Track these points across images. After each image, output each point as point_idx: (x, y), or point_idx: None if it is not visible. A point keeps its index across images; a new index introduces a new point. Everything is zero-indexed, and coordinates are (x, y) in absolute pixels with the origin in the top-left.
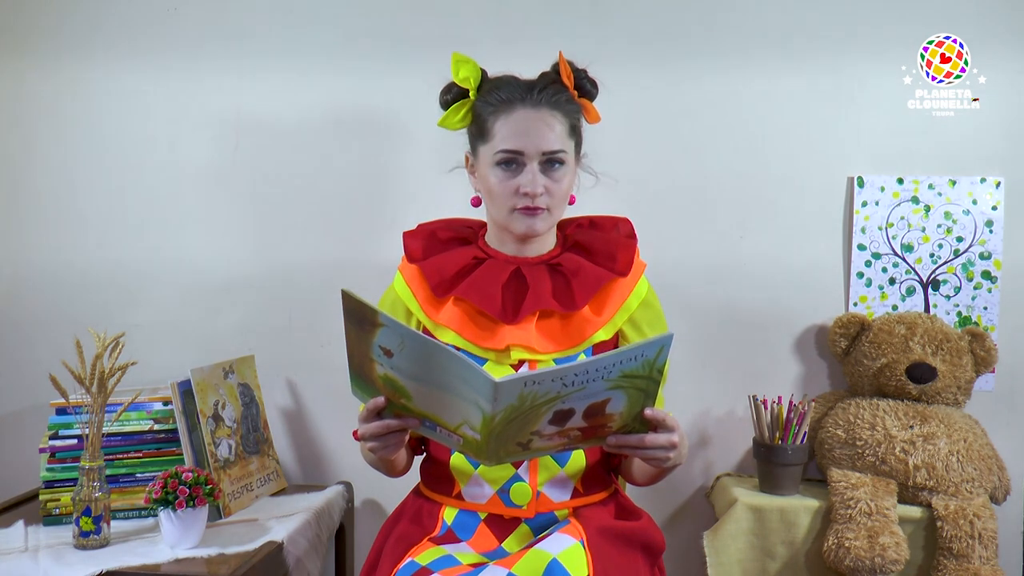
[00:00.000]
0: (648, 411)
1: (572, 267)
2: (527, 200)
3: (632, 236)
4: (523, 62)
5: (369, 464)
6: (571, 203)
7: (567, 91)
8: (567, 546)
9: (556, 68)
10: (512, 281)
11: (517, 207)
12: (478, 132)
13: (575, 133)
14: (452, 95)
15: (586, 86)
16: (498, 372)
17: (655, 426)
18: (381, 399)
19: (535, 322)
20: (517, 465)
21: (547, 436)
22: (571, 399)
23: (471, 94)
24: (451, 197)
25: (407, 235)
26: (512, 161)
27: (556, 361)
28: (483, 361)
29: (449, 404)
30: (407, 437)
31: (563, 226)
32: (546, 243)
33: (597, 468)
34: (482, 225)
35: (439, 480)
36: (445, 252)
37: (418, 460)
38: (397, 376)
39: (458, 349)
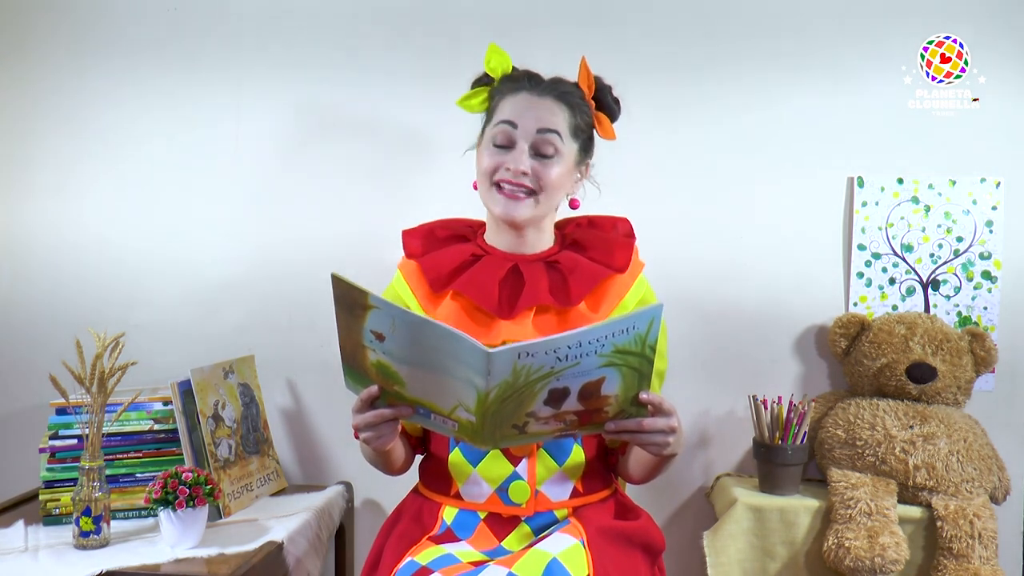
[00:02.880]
0: (644, 395)
1: (569, 264)
2: (508, 175)
3: (631, 235)
4: (525, 64)
5: (368, 461)
6: (574, 207)
7: (581, 93)
8: (567, 546)
9: (576, 76)
10: (509, 277)
11: (497, 180)
12: (487, 115)
13: (580, 134)
14: (480, 83)
15: (608, 102)
16: None
17: (652, 411)
18: (375, 388)
19: (531, 317)
20: (516, 463)
21: (543, 419)
22: (565, 376)
23: (495, 83)
24: (452, 197)
25: (406, 233)
26: (506, 137)
27: None
28: None
29: (443, 386)
30: (399, 427)
31: (562, 225)
32: (544, 241)
33: (596, 465)
34: (481, 224)
35: (438, 479)
36: (443, 249)
37: (418, 460)
38: (389, 361)
39: None
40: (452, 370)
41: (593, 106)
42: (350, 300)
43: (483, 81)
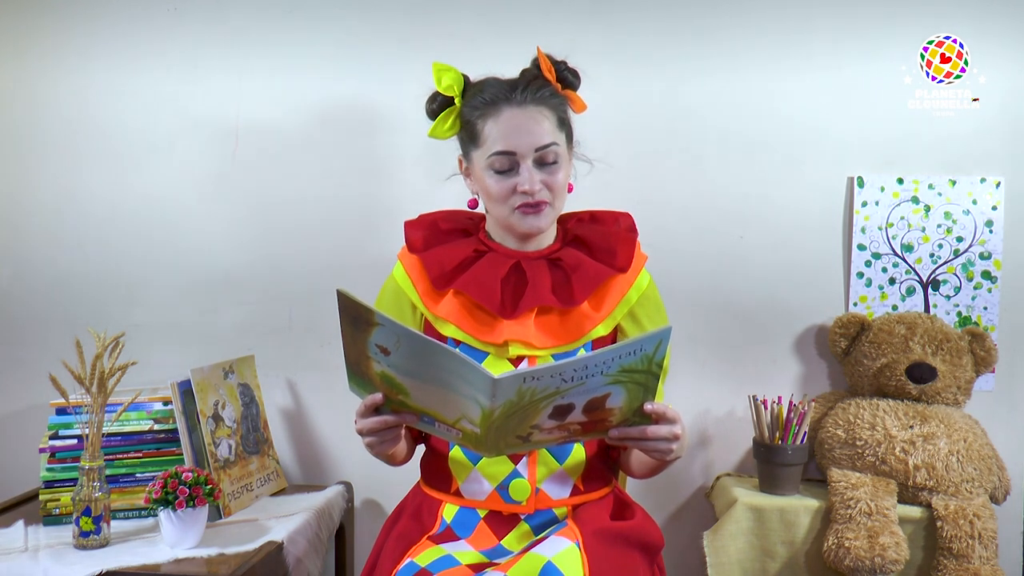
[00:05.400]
0: (648, 406)
1: (572, 262)
2: (526, 198)
3: (633, 230)
4: (522, 60)
5: (371, 454)
6: (570, 191)
7: (550, 85)
8: (562, 548)
9: (536, 64)
10: (512, 275)
11: (516, 206)
12: (469, 137)
13: (564, 125)
14: (437, 104)
15: (568, 77)
16: (497, 367)
17: (656, 419)
18: (379, 395)
19: (534, 317)
20: (516, 461)
21: (547, 430)
22: (570, 394)
23: (456, 101)
24: (450, 196)
25: (409, 224)
26: (506, 162)
27: (554, 357)
28: (482, 355)
29: (447, 400)
30: (403, 431)
31: (563, 220)
32: (546, 237)
33: (596, 463)
34: (483, 217)
35: (438, 476)
36: (446, 244)
37: (419, 454)
38: (394, 373)
39: (457, 343)
40: (457, 388)
41: (559, 88)
42: (355, 315)
43: (444, 103)
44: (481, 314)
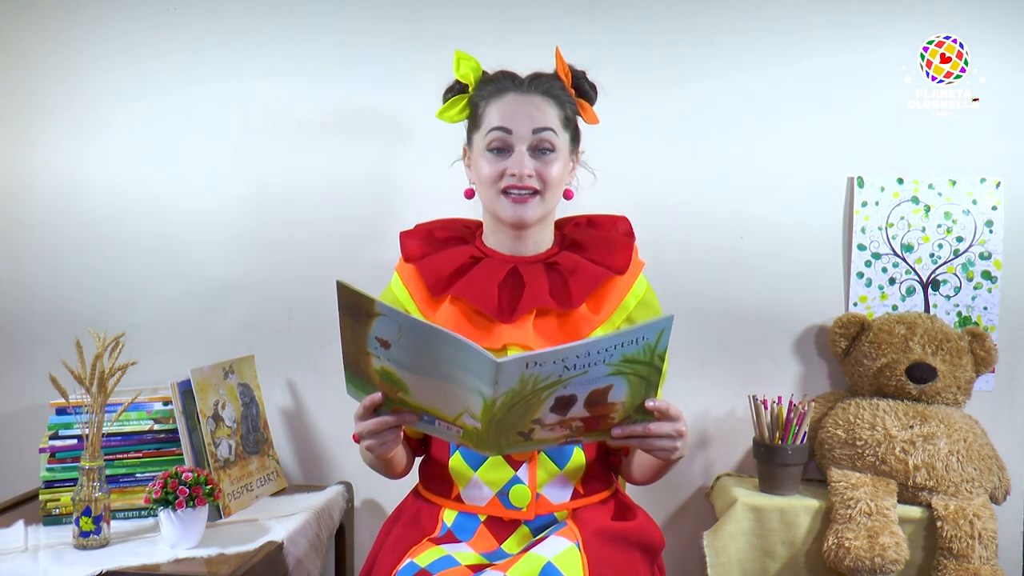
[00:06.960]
0: (650, 402)
1: (569, 265)
2: (514, 180)
3: (630, 235)
4: (523, 61)
5: (369, 466)
6: (569, 198)
7: (562, 83)
8: (562, 549)
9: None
10: (509, 280)
11: (504, 188)
12: (472, 123)
13: (569, 124)
14: (454, 92)
15: (584, 87)
16: None
17: (659, 416)
18: (378, 395)
19: (532, 320)
20: (516, 467)
21: (549, 426)
22: (572, 384)
23: (470, 89)
24: (451, 197)
25: (404, 235)
26: (502, 142)
27: None
28: None
29: (448, 394)
30: (402, 434)
31: (561, 225)
32: (543, 242)
33: (596, 467)
34: (479, 225)
35: (438, 482)
36: (442, 251)
37: (417, 462)
38: (394, 368)
39: None
40: (458, 378)
41: (573, 94)
42: (355, 307)
43: (458, 89)
44: (479, 319)
